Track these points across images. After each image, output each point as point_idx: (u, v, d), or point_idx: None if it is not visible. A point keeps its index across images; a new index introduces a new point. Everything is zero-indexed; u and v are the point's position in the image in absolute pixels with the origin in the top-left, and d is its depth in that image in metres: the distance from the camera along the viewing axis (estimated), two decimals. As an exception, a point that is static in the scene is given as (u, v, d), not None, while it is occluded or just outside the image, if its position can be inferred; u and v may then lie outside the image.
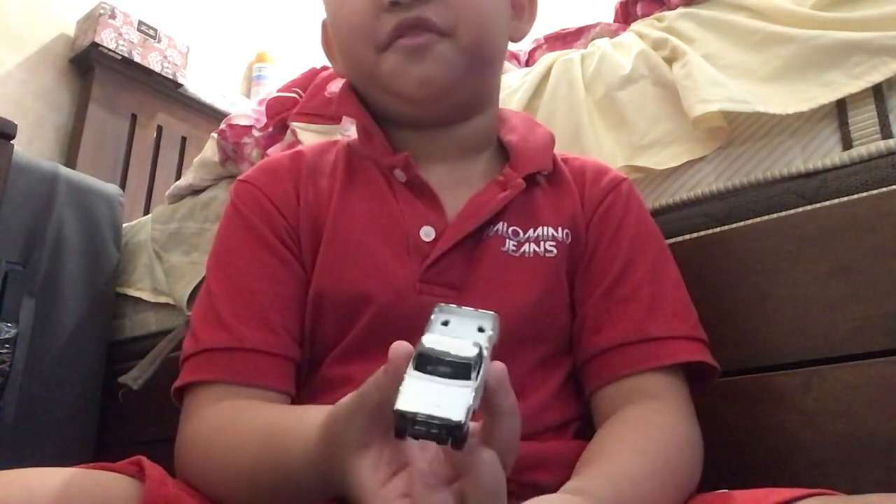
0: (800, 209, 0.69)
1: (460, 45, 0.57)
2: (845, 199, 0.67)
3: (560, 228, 0.61)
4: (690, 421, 0.55)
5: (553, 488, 0.43)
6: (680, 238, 0.76)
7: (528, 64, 1.15)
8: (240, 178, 0.65)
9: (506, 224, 0.60)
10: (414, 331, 0.46)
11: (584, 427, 0.59)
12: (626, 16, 1.05)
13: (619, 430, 0.52)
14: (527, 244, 0.60)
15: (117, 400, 1.20)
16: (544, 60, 0.97)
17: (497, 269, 0.58)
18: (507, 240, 0.59)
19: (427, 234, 0.58)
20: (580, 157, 0.70)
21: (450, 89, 0.58)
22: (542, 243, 0.60)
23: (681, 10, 0.90)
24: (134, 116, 2.14)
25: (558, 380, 0.59)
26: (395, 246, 0.58)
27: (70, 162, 1.97)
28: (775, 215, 0.70)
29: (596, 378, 0.58)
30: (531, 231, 0.60)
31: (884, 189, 0.65)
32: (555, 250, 0.60)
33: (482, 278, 0.58)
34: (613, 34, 1.01)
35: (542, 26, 1.22)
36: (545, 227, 0.61)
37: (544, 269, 0.59)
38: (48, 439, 1.17)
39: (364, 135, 0.64)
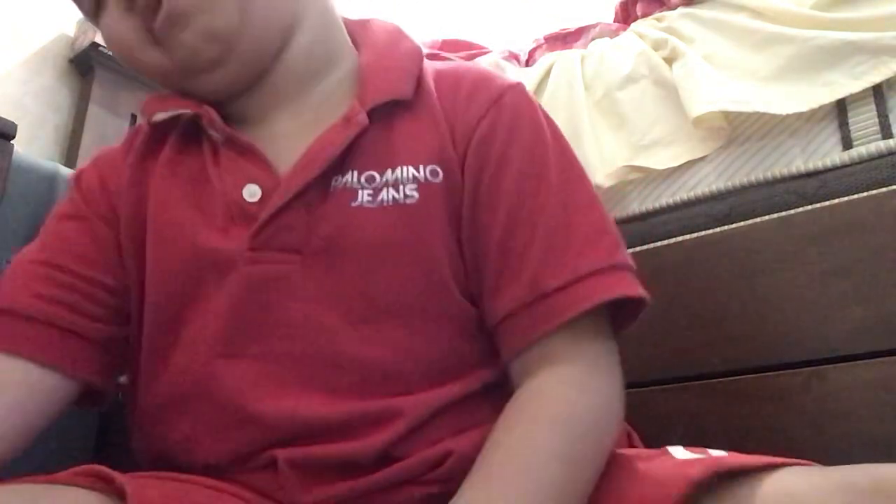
0: (800, 209, 0.69)
1: (207, 26, 0.50)
2: (845, 199, 0.67)
3: (422, 167, 0.50)
4: (601, 379, 0.47)
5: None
6: (680, 238, 0.76)
7: (528, 64, 1.15)
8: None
9: (356, 172, 0.50)
10: (250, 306, 0.46)
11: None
12: (626, 16, 1.05)
13: (513, 422, 0.45)
14: (384, 190, 0.49)
15: (117, 400, 1.19)
16: (544, 60, 0.97)
17: (348, 226, 0.48)
18: (361, 190, 0.49)
19: (252, 193, 0.49)
20: (460, 68, 0.58)
21: (229, 35, 0.50)
22: (400, 187, 0.49)
23: (681, 10, 0.90)
24: (134, 116, 2.13)
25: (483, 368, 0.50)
26: (215, 216, 0.50)
27: (70, 162, 1.97)
28: (775, 215, 0.70)
29: (503, 352, 0.49)
30: (388, 173, 0.50)
31: (884, 189, 0.65)
32: (416, 194, 0.49)
33: (326, 238, 0.48)
34: (613, 34, 1.01)
35: (542, 26, 1.22)
36: (404, 167, 0.50)
37: (405, 215, 0.49)
38: (48, 439, 1.16)
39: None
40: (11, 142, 1.22)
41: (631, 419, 0.68)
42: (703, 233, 0.75)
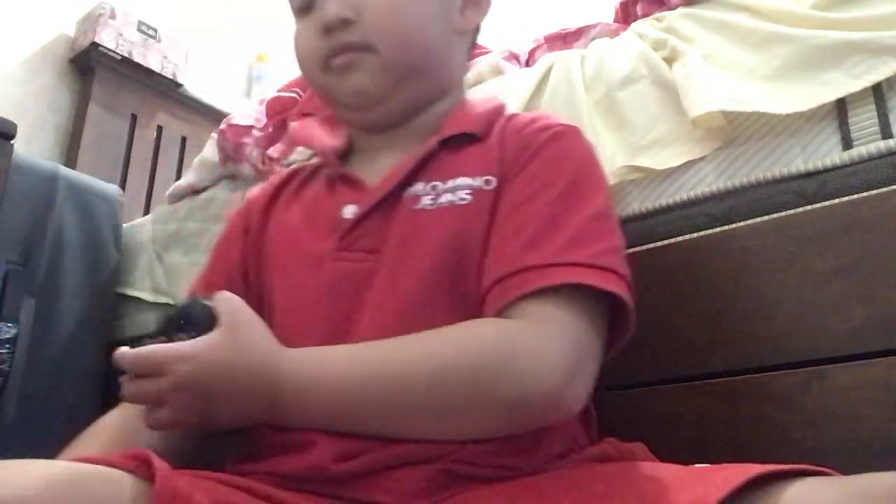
0: (800, 209, 0.69)
1: (382, 59, 0.63)
2: (845, 199, 0.67)
3: (479, 177, 0.60)
4: (535, 337, 0.50)
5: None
6: (680, 238, 0.76)
7: (528, 64, 1.15)
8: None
9: (424, 183, 0.61)
10: (331, 295, 0.58)
11: None
12: (626, 16, 1.05)
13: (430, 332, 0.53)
14: (444, 195, 0.60)
15: (117, 400, 1.20)
16: (544, 60, 0.97)
17: (409, 225, 0.59)
18: (424, 196, 0.60)
19: (349, 211, 0.62)
20: (534, 114, 0.68)
21: (383, 96, 0.64)
22: (457, 192, 0.59)
23: (681, 10, 0.90)
24: (134, 116, 2.14)
25: None
26: (319, 231, 0.63)
27: (70, 162, 1.97)
28: (775, 215, 0.70)
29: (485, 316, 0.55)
30: (450, 182, 0.60)
31: (884, 189, 0.65)
32: (469, 197, 0.59)
33: (395, 238, 0.59)
34: (613, 34, 1.01)
35: (542, 26, 1.22)
36: (463, 178, 0.60)
37: (456, 214, 0.58)
38: (48, 439, 1.16)
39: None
40: (11, 142, 1.22)
41: (632, 419, 0.68)
42: (703, 233, 0.74)
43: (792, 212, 0.70)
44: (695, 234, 0.75)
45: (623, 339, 0.56)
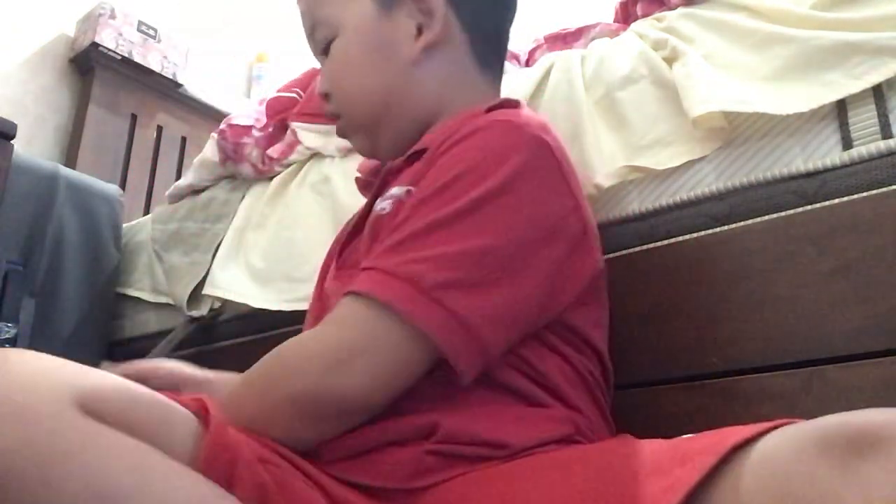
0: (800, 209, 0.69)
1: (346, 121, 0.73)
2: (845, 199, 0.67)
3: (403, 186, 0.62)
4: (311, 334, 0.56)
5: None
6: (680, 238, 0.76)
7: (528, 64, 1.15)
8: None
9: (381, 198, 0.65)
10: (323, 308, 0.66)
11: None
12: (626, 16, 1.05)
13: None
14: (379, 205, 0.63)
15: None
16: (544, 60, 0.97)
17: (369, 234, 0.63)
18: (378, 209, 0.64)
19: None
20: (482, 120, 0.64)
21: (370, 146, 0.74)
22: (385, 201, 0.63)
23: (681, 10, 0.90)
24: (134, 116, 2.13)
25: None
26: (335, 252, 0.71)
27: (70, 162, 1.97)
28: (775, 215, 0.70)
29: None
30: (386, 193, 0.64)
31: (884, 189, 0.65)
32: (389, 206, 0.61)
33: (364, 249, 0.63)
34: (613, 34, 1.01)
35: (542, 26, 1.22)
36: (394, 189, 0.63)
37: (380, 223, 0.62)
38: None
39: None
40: (11, 142, 1.22)
41: (631, 419, 0.68)
42: (703, 233, 0.74)
43: (792, 212, 0.69)
44: (695, 234, 0.75)
45: (447, 349, 0.52)
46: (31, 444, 0.37)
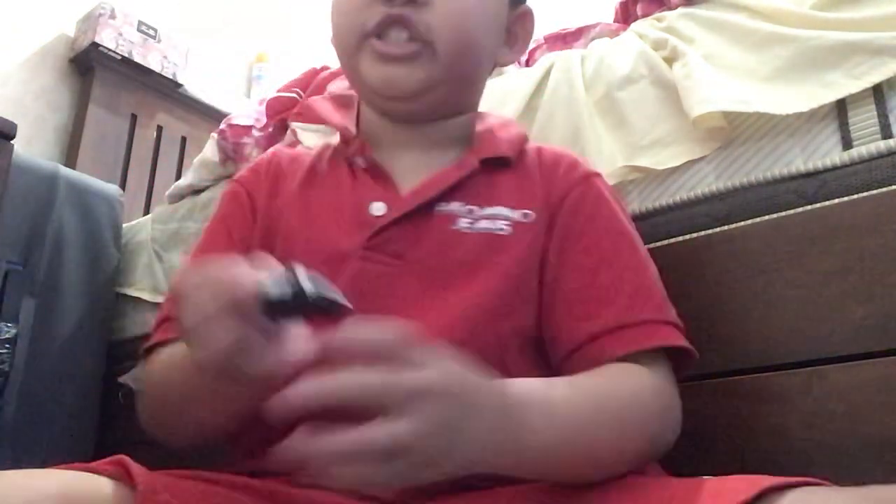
0: (800, 209, 0.69)
1: (436, 55, 0.61)
2: (845, 199, 0.67)
3: (517, 210, 0.62)
4: (668, 389, 0.55)
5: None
6: (680, 238, 0.76)
7: (528, 64, 1.15)
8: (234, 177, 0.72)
9: (461, 203, 0.62)
10: (356, 294, 0.52)
11: None
12: (626, 16, 1.05)
13: (603, 373, 0.54)
14: (482, 221, 0.61)
15: (117, 400, 1.20)
16: (544, 60, 0.97)
17: (444, 243, 0.60)
18: (461, 218, 0.61)
19: (378, 209, 0.61)
20: (557, 149, 0.70)
21: (415, 94, 0.63)
22: (495, 221, 0.61)
23: (681, 10, 0.90)
24: (134, 116, 2.14)
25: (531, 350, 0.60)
26: (344, 223, 0.62)
27: (70, 162, 1.97)
28: (775, 215, 0.70)
29: (580, 361, 0.56)
30: (488, 209, 0.62)
31: (884, 189, 0.65)
32: (508, 228, 0.61)
33: (426, 251, 0.60)
34: (613, 34, 1.01)
35: (542, 26, 1.22)
36: (501, 208, 0.62)
37: (495, 243, 0.60)
38: (48, 439, 1.16)
39: (339, 133, 0.71)
40: (11, 142, 1.22)
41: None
42: (703, 233, 0.74)
43: (792, 212, 0.69)
44: (695, 234, 0.75)
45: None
46: None
